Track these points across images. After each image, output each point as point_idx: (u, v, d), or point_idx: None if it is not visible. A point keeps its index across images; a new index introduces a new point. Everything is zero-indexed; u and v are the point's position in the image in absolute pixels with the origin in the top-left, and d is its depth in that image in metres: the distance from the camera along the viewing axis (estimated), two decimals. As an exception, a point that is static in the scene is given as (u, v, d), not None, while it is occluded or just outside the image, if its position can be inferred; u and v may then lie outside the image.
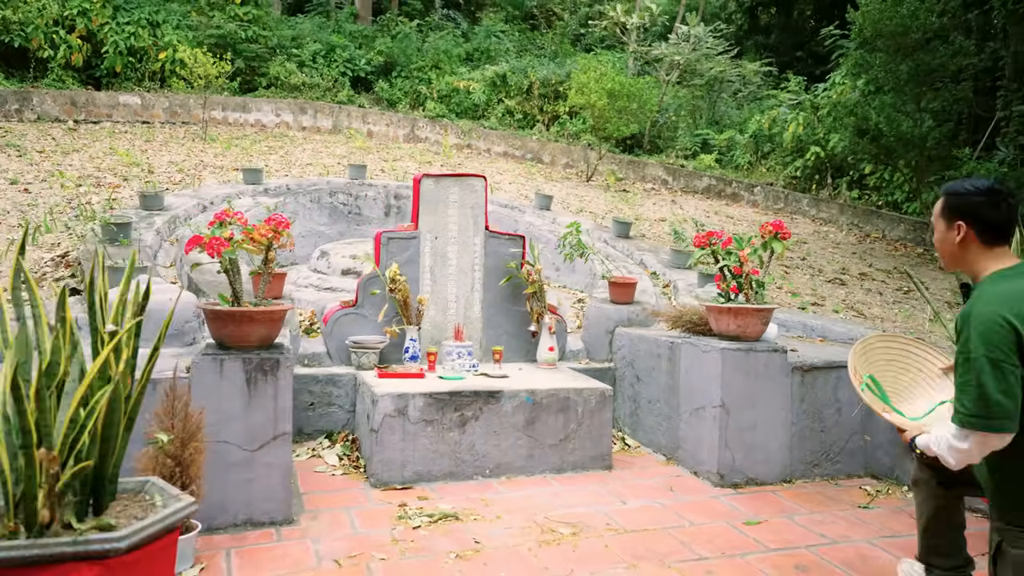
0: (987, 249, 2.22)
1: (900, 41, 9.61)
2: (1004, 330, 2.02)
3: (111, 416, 1.90)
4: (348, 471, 4.00)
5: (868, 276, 8.44)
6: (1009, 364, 2.01)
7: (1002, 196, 2.23)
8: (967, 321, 2.09)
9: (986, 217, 2.21)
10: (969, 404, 2.06)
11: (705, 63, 15.41)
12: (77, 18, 13.73)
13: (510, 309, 4.93)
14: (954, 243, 2.26)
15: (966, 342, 2.08)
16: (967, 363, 2.07)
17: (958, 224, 2.24)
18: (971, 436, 2.08)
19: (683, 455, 4.33)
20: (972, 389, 2.05)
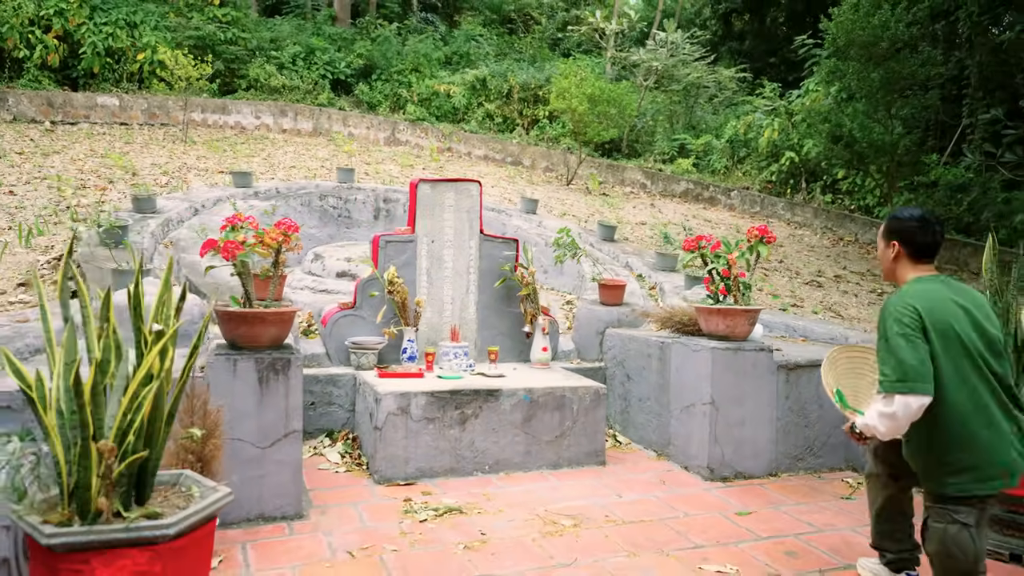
0: (914, 264, 2.73)
1: (872, 50, 9.92)
2: (911, 313, 2.52)
3: (155, 412, 2.00)
4: (351, 468, 4.11)
5: (843, 278, 8.72)
6: (917, 339, 2.49)
7: (931, 224, 2.71)
8: (884, 313, 2.60)
9: (916, 240, 2.71)
10: (889, 372, 2.49)
11: (682, 69, 15.70)
12: (53, 18, 13.60)
13: (504, 311, 5.07)
14: (890, 258, 2.78)
15: (884, 328, 2.57)
16: (886, 343, 2.54)
17: (893, 243, 2.75)
18: (894, 399, 2.47)
19: (674, 451, 4.49)
20: (891, 360, 2.49)
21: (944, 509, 2.54)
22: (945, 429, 2.51)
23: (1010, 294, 3.42)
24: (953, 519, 2.51)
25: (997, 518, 3.33)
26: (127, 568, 1.86)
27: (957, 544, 2.49)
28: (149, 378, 2.00)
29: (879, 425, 2.54)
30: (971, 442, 2.50)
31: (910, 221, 2.73)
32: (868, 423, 2.60)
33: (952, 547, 2.50)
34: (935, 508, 2.57)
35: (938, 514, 2.56)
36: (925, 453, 2.59)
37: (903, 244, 2.73)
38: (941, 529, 2.53)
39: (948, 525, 2.52)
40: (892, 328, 2.53)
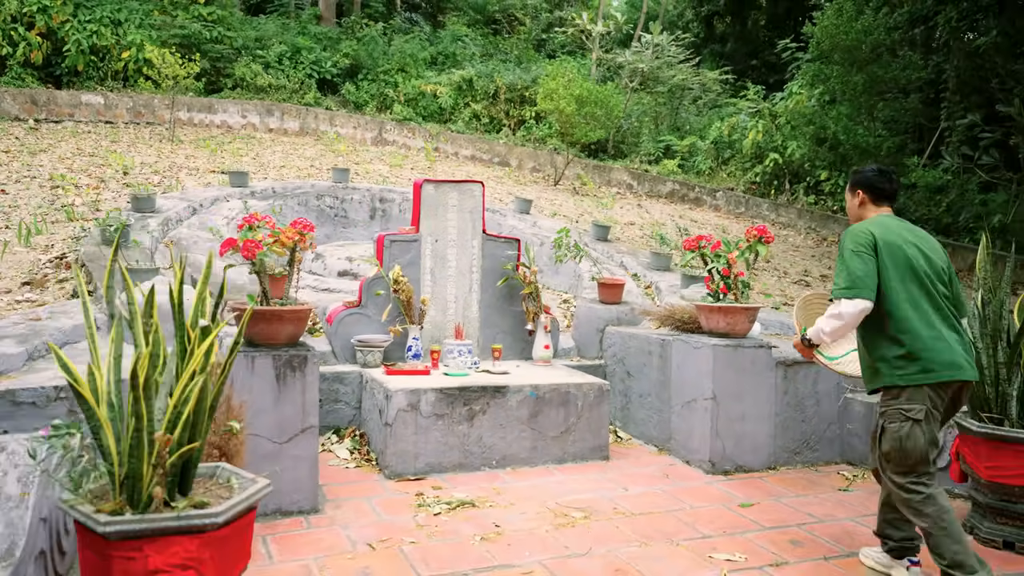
0: (876, 207, 3.16)
1: (854, 55, 10.14)
2: (865, 235, 2.95)
3: (199, 405, 2.06)
4: (360, 464, 4.17)
5: (829, 278, 8.90)
6: (868, 255, 2.90)
7: (887, 173, 3.18)
8: (845, 235, 3.02)
9: (876, 186, 3.15)
10: (839, 281, 2.92)
11: (667, 71, 15.87)
12: (37, 15, 13.46)
13: (506, 309, 5.15)
14: (856, 205, 3.21)
15: (841, 246, 2.99)
16: (841, 259, 2.96)
17: (858, 192, 3.20)
18: (841, 303, 2.89)
19: (675, 445, 4.60)
20: (842, 271, 2.92)
21: (897, 410, 2.86)
22: (894, 333, 2.87)
23: (1003, 291, 3.56)
24: (906, 417, 2.83)
25: (990, 506, 3.48)
26: (178, 555, 1.91)
27: (911, 439, 2.81)
28: (194, 373, 2.06)
29: (826, 327, 2.94)
30: (916, 341, 2.84)
31: (870, 172, 3.20)
32: (818, 327, 2.99)
33: (906, 442, 2.82)
34: (889, 410, 2.90)
35: (891, 416, 2.88)
36: (878, 359, 2.93)
37: (866, 191, 3.16)
38: (896, 428, 2.84)
39: (901, 423, 2.83)
40: (848, 247, 2.95)
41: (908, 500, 2.84)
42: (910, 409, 2.83)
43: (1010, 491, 3.40)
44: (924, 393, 2.83)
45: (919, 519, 2.82)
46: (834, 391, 4.70)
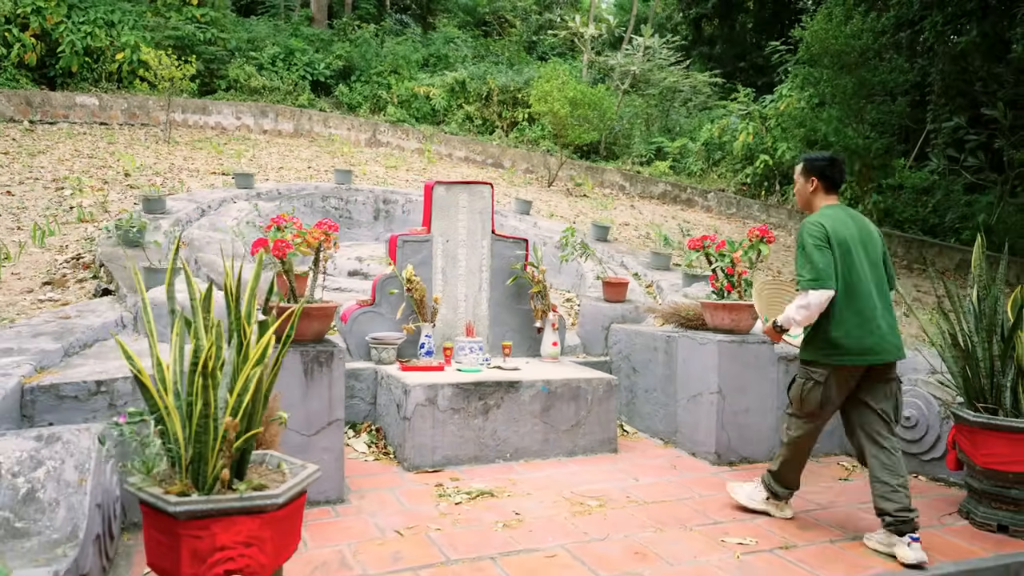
0: (825, 195, 3.48)
1: (843, 58, 10.37)
2: (819, 228, 3.28)
3: (256, 394, 2.19)
4: (379, 457, 4.29)
5: (820, 277, 9.09)
6: (825, 248, 3.25)
7: (837, 163, 3.48)
8: (800, 230, 3.34)
9: (827, 175, 3.45)
10: (805, 273, 3.25)
11: (658, 73, 16.08)
12: (31, 16, 13.47)
13: (514, 307, 5.29)
14: (808, 192, 3.51)
15: (800, 239, 3.32)
16: (802, 250, 3.29)
17: (812, 179, 3.48)
18: (809, 294, 3.23)
19: (681, 438, 4.76)
20: (806, 264, 3.24)
21: (807, 369, 3.40)
22: (828, 317, 3.28)
23: (997, 288, 3.74)
24: (810, 376, 3.39)
25: (985, 492, 3.66)
26: (242, 533, 2.04)
27: (810, 394, 3.38)
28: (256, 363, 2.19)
29: (797, 315, 3.29)
30: (840, 331, 3.27)
31: (823, 161, 3.48)
32: (788, 315, 3.33)
33: (806, 395, 3.40)
34: (801, 368, 3.45)
35: (802, 373, 3.44)
36: (812, 334, 3.37)
37: (819, 179, 3.46)
38: (801, 383, 3.43)
39: (806, 381, 3.40)
40: (807, 240, 3.27)
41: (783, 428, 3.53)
42: (815, 372, 3.37)
43: (1004, 477, 3.59)
44: (831, 368, 3.33)
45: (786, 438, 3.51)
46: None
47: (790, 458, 3.55)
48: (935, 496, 4.12)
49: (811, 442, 3.54)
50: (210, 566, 2.01)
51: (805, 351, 3.44)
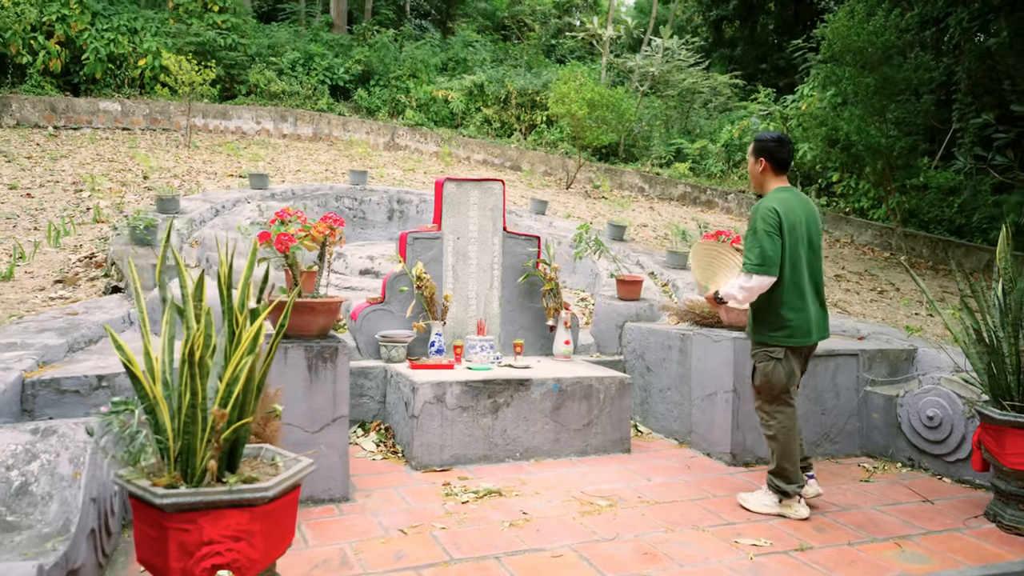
0: (775, 176, 3.59)
1: (866, 56, 10.17)
2: (772, 215, 3.41)
3: (248, 384, 2.13)
4: (387, 456, 4.24)
5: (843, 278, 8.93)
6: (775, 234, 3.39)
7: (786, 143, 3.58)
8: (754, 212, 3.47)
9: (776, 156, 3.56)
10: (753, 257, 3.39)
11: (677, 74, 15.94)
12: (56, 24, 13.66)
13: (526, 305, 5.21)
14: (759, 172, 3.62)
15: (752, 222, 3.45)
16: (753, 234, 3.42)
17: (761, 160, 3.59)
18: (753, 277, 3.39)
19: (695, 438, 4.65)
20: (755, 248, 3.39)
21: (765, 351, 3.53)
22: (778, 299, 3.45)
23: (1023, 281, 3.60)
24: (770, 357, 3.52)
25: (1013, 494, 3.51)
26: (231, 527, 1.99)
27: (775, 373, 3.51)
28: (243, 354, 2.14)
29: (738, 294, 3.46)
30: (788, 313, 3.46)
31: (771, 141, 3.58)
32: (730, 292, 3.51)
33: (772, 376, 3.51)
34: (759, 352, 3.57)
35: (760, 357, 3.56)
36: (762, 316, 3.54)
37: (768, 159, 3.56)
38: (764, 366, 3.54)
39: (767, 362, 3.52)
40: (759, 224, 3.40)
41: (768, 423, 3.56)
42: (773, 351, 3.51)
43: (1032, 479, 3.44)
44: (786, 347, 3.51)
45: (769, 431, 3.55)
46: (854, 384, 4.75)
47: (785, 449, 3.54)
48: (960, 498, 3.97)
49: (796, 423, 3.58)
50: (197, 560, 1.96)
51: (758, 333, 3.58)
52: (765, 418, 3.60)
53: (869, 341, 5.22)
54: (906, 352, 4.98)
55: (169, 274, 4.31)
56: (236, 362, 2.04)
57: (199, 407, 1.97)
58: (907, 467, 4.46)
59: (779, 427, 3.54)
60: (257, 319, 2.11)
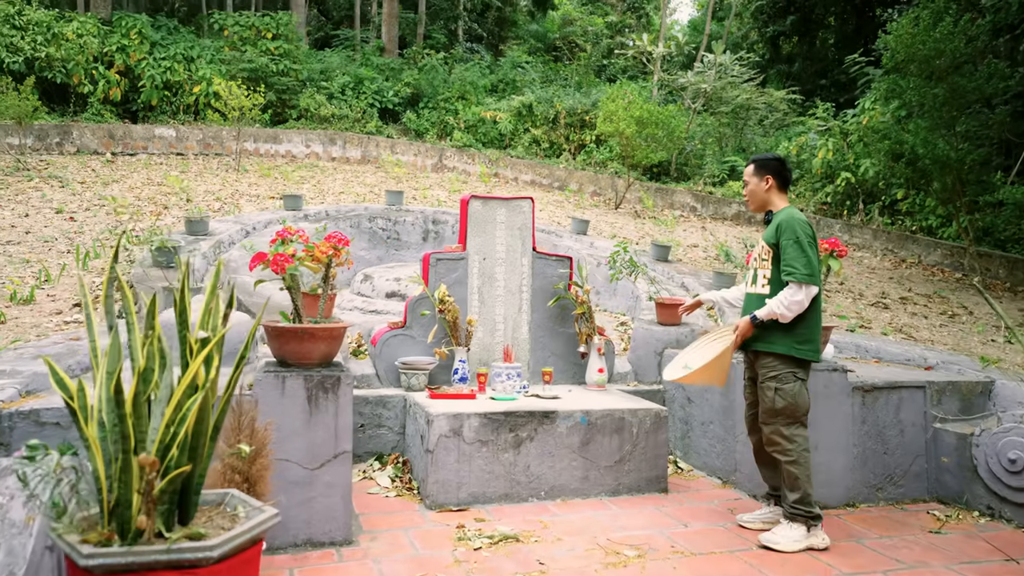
0: (781, 194, 3.59)
1: (932, 65, 9.57)
2: (809, 226, 3.40)
3: (199, 425, 1.88)
4: (401, 493, 3.95)
5: (909, 300, 8.32)
6: (816, 246, 3.39)
7: (786, 162, 3.61)
8: (790, 223, 3.37)
9: (782, 174, 3.58)
10: (801, 267, 3.30)
11: (731, 91, 15.45)
12: (116, 54, 14.08)
13: (557, 330, 4.89)
14: (764, 190, 3.57)
15: (794, 232, 3.34)
16: (797, 243, 3.32)
17: (767, 178, 3.56)
18: (803, 288, 3.30)
19: (740, 478, 4.23)
20: (803, 258, 3.30)
21: (791, 372, 3.39)
22: (812, 311, 3.39)
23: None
24: (796, 377, 3.40)
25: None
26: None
27: (801, 394, 3.40)
28: (194, 388, 1.89)
29: (788, 310, 3.31)
30: (813, 327, 3.42)
31: (774, 160, 3.60)
32: (778, 309, 3.32)
33: (799, 397, 3.39)
34: (784, 373, 3.39)
35: (786, 377, 3.39)
36: (791, 329, 3.38)
37: (775, 177, 3.56)
38: (791, 386, 3.38)
39: (795, 383, 3.39)
40: (802, 235, 3.33)
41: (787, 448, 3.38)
42: (799, 371, 3.40)
43: None
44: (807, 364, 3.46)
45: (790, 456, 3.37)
46: (921, 420, 4.25)
47: (807, 473, 3.40)
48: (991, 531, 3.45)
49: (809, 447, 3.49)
50: (129, 631, 1.70)
51: (784, 346, 3.40)
52: (783, 443, 3.41)
53: (938, 371, 4.71)
54: (981, 384, 4.46)
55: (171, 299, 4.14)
56: (178, 400, 1.79)
57: (131, 452, 1.72)
58: (986, 517, 3.94)
59: (800, 451, 3.40)
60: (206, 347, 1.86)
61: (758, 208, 3.62)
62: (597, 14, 26.27)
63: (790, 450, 3.39)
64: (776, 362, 3.42)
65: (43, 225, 7.31)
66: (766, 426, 3.46)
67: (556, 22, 26.39)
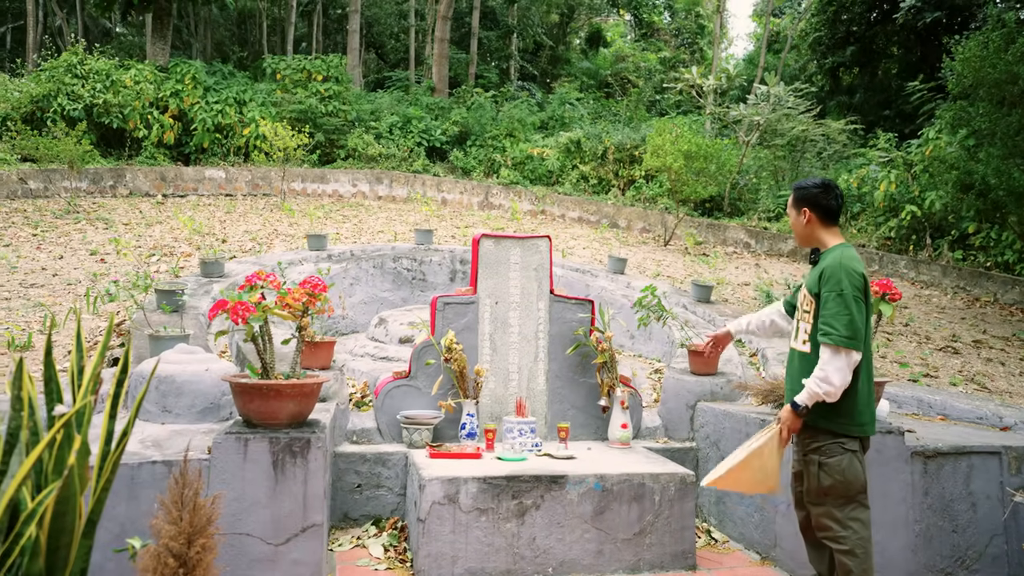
0: (826, 227, 3.02)
1: (1005, 90, 8.86)
2: (861, 277, 2.83)
3: (60, 521, 1.54)
4: (393, 565, 3.55)
5: (984, 344, 7.56)
6: (863, 302, 2.82)
7: (832, 188, 3.00)
8: (836, 270, 2.82)
9: (822, 203, 3.00)
10: (842, 328, 2.75)
11: (786, 123, 14.85)
12: (170, 99, 14.43)
13: (578, 381, 4.46)
14: (803, 224, 3.04)
15: (838, 283, 2.79)
16: (840, 297, 2.78)
17: (804, 210, 3.03)
18: (844, 354, 2.75)
19: (780, 554, 3.69)
20: (844, 317, 2.76)
21: (837, 443, 2.84)
22: (858, 378, 2.83)
23: None
24: (844, 449, 2.84)
25: None
26: None
27: (852, 468, 2.83)
28: (59, 473, 1.56)
29: (836, 381, 2.74)
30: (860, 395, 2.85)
31: (814, 188, 3.03)
32: (820, 388, 2.74)
33: (848, 472, 2.82)
34: (828, 444, 2.85)
35: (831, 450, 2.84)
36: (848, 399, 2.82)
37: (812, 209, 3.01)
38: (837, 461, 2.83)
39: (841, 456, 2.83)
40: (848, 286, 2.79)
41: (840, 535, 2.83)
42: (845, 441, 2.85)
43: None
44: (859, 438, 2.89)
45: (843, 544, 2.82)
46: (997, 492, 3.65)
47: (866, 566, 2.82)
48: None
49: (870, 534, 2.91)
50: None
51: (827, 420, 2.85)
52: (836, 528, 2.85)
53: (1017, 433, 4.08)
54: (1069, 450, 3.82)
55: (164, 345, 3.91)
56: (13, 491, 1.45)
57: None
58: (1078, 613, 3.31)
59: (857, 539, 2.83)
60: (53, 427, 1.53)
61: (804, 244, 3.13)
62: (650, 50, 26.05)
63: (843, 537, 2.83)
64: (816, 432, 2.88)
65: (73, 267, 7.30)
66: (814, 507, 2.93)
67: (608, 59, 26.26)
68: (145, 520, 2.66)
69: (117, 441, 1.70)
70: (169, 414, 3.41)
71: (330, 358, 4.28)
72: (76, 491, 1.55)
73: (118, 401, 1.78)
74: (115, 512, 2.67)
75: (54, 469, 1.55)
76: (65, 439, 1.55)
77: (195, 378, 3.46)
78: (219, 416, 3.57)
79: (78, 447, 1.55)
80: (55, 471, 1.55)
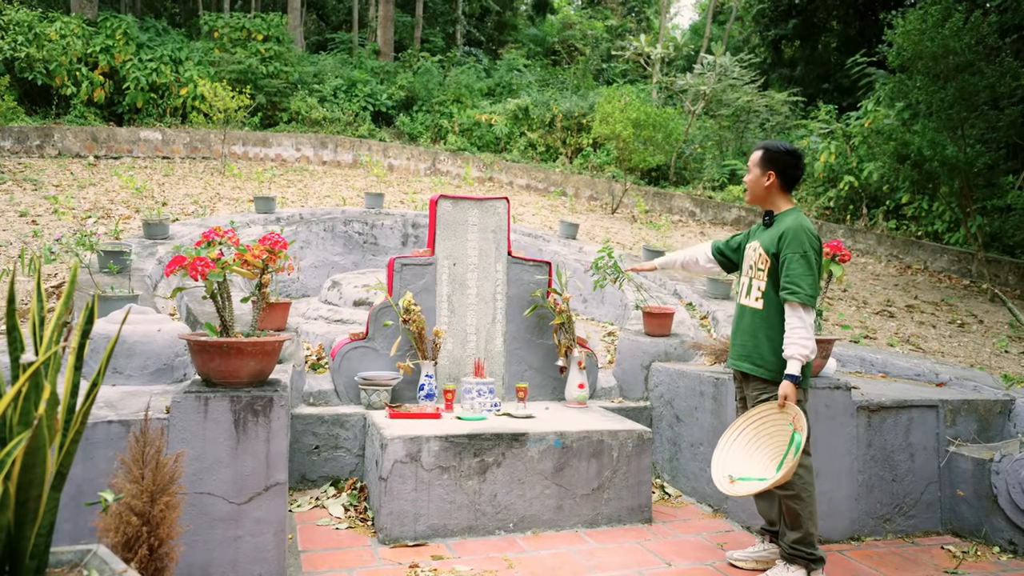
0: (784, 195, 3.13)
1: (941, 63, 9.17)
2: (819, 241, 3.00)
3: (29, 473, 1.48)
4: (354, 524, 3.55)
5: (916, 308, 7.90)
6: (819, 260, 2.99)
7: (801, 158, 3.11)
8: (798, 233, 2.95)
9: (788, 172, 3.10)
10: (807, 288, 2.90)
11: (731, 93, 15.08)
12: (100, 55, 13.73)
13: (535, 342, 4.50)
14: (763, 186, 3.12)
15: (801, 244, 2.93)
16: (803, 258, 2.92)
17: (770, 173, 3.10)
18: (809, 311, 2.91)
19: (732, 506, 3.82)
20: (808, 277, 2.91)
21: None
22: None
23: None
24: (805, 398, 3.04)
25: None
26: None
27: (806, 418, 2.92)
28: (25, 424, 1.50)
29: (811, 340, 2.91)
30: None
31: (785, 154, 3.08)
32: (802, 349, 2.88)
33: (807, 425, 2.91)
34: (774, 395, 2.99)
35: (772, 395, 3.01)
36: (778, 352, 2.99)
37: (778, 175, 3.08)
38: None
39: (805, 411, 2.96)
40: (810, 249, 2.93)
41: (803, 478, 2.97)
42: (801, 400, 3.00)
43: None
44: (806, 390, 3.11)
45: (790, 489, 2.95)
46: (933, 443, 3.84)
47: (811, 509, 3.00)
48: None
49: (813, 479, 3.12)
50: None
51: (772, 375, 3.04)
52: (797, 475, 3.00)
53: (951, 388, 4.30)
54: (1000, 404, 4.05)
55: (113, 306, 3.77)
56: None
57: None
58: (1008, 553, 3.53)
59: (801, 484, 2.99)
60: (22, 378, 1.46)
61: (754, 202, 3.21)
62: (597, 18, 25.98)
63: (790, 483, 2.96)
64: (764, 384, 3.05)
65: (1, 228, 6.94)
66: None
67: (555, 26, 26.09)
68: (102, 480, 2.58)
69: (87, 391, 1.63)
70: (120, 375, 3.31)
71: (285, 320, 4.21)
72: (45, 442, 1.49)
73: (83, 352, 1.71)
74: (72, 473, 2.58)
75: (19, 420, 1.48)
76: (32, 388, 1.48)
77: (147, 339, 3.36)
78: (172, 378, 3.47)
79: (47, 397, 1.48)
80: (20, 422, 1.48)
